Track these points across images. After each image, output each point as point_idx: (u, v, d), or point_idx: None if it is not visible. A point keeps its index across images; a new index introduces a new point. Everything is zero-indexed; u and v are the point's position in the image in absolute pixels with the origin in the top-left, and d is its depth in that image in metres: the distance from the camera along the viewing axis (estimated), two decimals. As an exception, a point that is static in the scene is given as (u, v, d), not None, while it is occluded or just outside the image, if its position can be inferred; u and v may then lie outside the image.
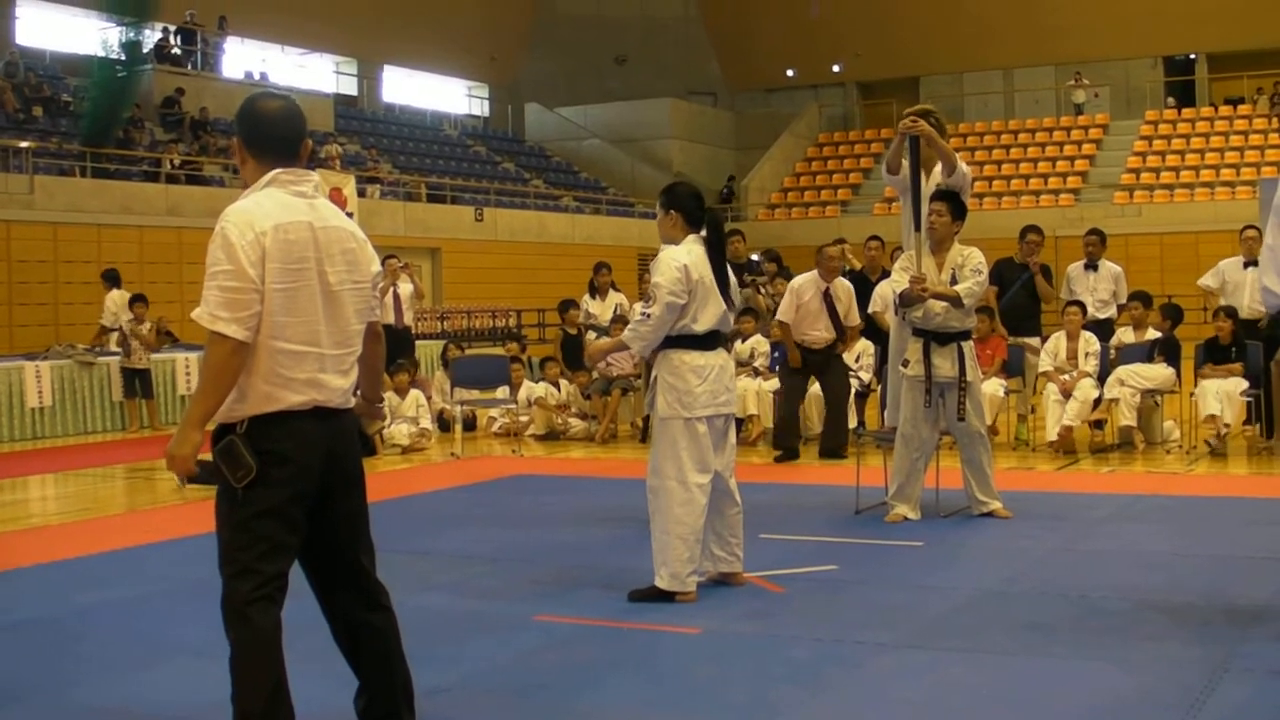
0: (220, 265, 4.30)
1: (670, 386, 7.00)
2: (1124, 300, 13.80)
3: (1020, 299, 13.52)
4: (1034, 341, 13.45)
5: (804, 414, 13.94)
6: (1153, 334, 13.09)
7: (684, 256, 6.97)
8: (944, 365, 9.06)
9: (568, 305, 16.84)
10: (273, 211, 4.39)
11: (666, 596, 6.93)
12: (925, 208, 9.17)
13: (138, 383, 17.17)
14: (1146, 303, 13.38)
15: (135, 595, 7.50)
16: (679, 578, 6.91)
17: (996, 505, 9.27)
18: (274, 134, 4.59)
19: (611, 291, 16.35)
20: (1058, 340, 13.13)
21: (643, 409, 15.23)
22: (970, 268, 9.00)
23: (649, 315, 6.95)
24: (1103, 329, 13.52)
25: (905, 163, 9.26)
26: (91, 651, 6.25)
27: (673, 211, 7.15)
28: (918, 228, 9.15)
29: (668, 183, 7.70)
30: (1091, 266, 13.96)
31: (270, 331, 4.35)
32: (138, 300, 17.37)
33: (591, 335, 16.14)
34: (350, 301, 4.54)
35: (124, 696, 5.53)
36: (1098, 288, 13.87)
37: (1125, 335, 13.36)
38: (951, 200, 9.04)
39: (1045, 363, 13.09)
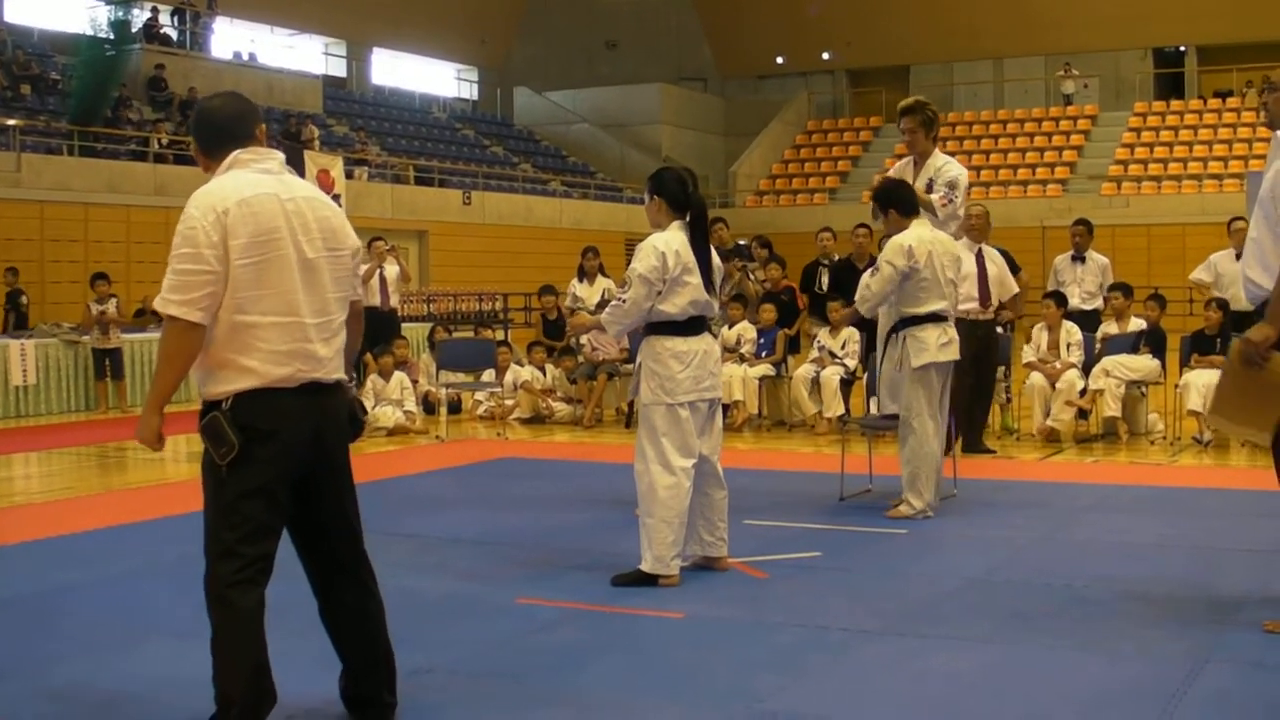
0: (178, 249, 4.35)
1: (653, 373, 7.02)
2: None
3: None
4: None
5: (796, 396, 13.94)
6: (1135, 324, 13.10)
7: (665, 244, 6.99)
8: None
9: (546, 291, 16.86)
10: (237, 188, 4.41)
11: (650, 580, 6.95)
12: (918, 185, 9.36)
13: (108, 363, 17.11)
14: (1127, 293, 13.39)
15: (117, 574, 7.48)
16: (663, 561, 6.93)
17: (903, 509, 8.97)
18: (221, 122, 4.61)
19: (599, 276, 16.32)
20: (1039, 332, 13.15)
21: (628, 394, 15.25)
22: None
23: (624, 300, 7.01)
24: (1089, 320, 13.51)
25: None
26: (73, 630, 6.23)
27: (657, 197, 7.17)
28: None
29: (656, 168, 7.72)
30: (1079, 258, 13.92)
31: (237, 307, 4.36)
32: (100, 279, 17.30)
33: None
34: (328, 271, 4.55)
35: (105, 675, 5.51)
36: (1084, 279, 13.83)
37: (1109, 327, 13.36)
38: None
39: (1028, 354, 13.11)
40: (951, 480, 9.59)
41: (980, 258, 12.01)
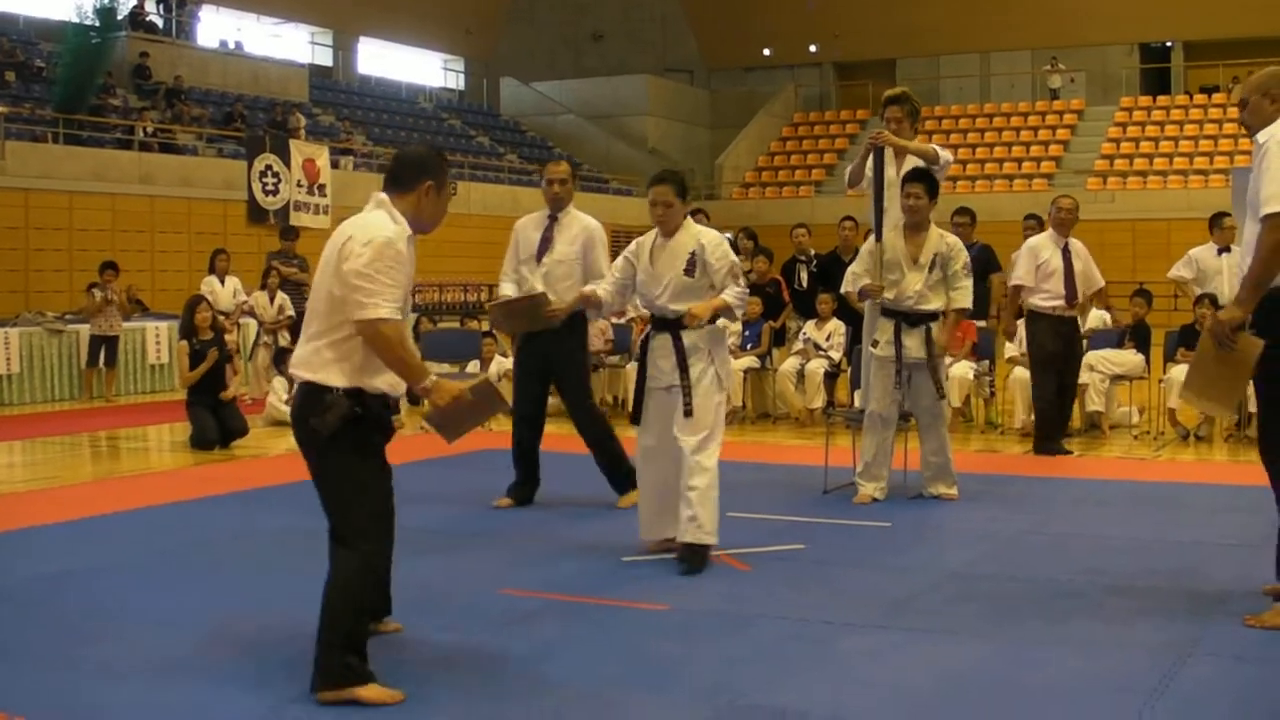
0: None
1: (724, 361, 7.46)
2: None
3: None
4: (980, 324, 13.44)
5: (782, 390, 13.94)
6: (1095, 317, 13.11)
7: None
8: (913, 346, 9.09)
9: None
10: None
11: (708, 551, 7.28)
12: (893, 180, 9.25)
13: (104, 350, 17.04)
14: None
15: (100, 564, 7.46)
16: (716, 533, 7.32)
17: (953, 491, 9.38)
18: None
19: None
20: (1021, 326, 13.13)
21: (615, 386, 15.25)
22: (960, 265, 9.08)
23: (744, 289, 7.50)
24: None
25: (868, 174, 9.37)
26: (56, 619, 6.22)
27: (681, 200, 7.56)
28: (879, 237, 9.20)
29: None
30: None
31: None
32: (109, 267, 17.24)
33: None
34: (324, 285, 5.12)
35: (83, 664, 5.50)
36: None
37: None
38: (927, 181, 9.05)
39: (1011, 349, 13.12)
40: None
41: (1066, 252, 11.62)
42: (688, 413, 7.30)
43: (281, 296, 17.13)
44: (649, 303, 7.57)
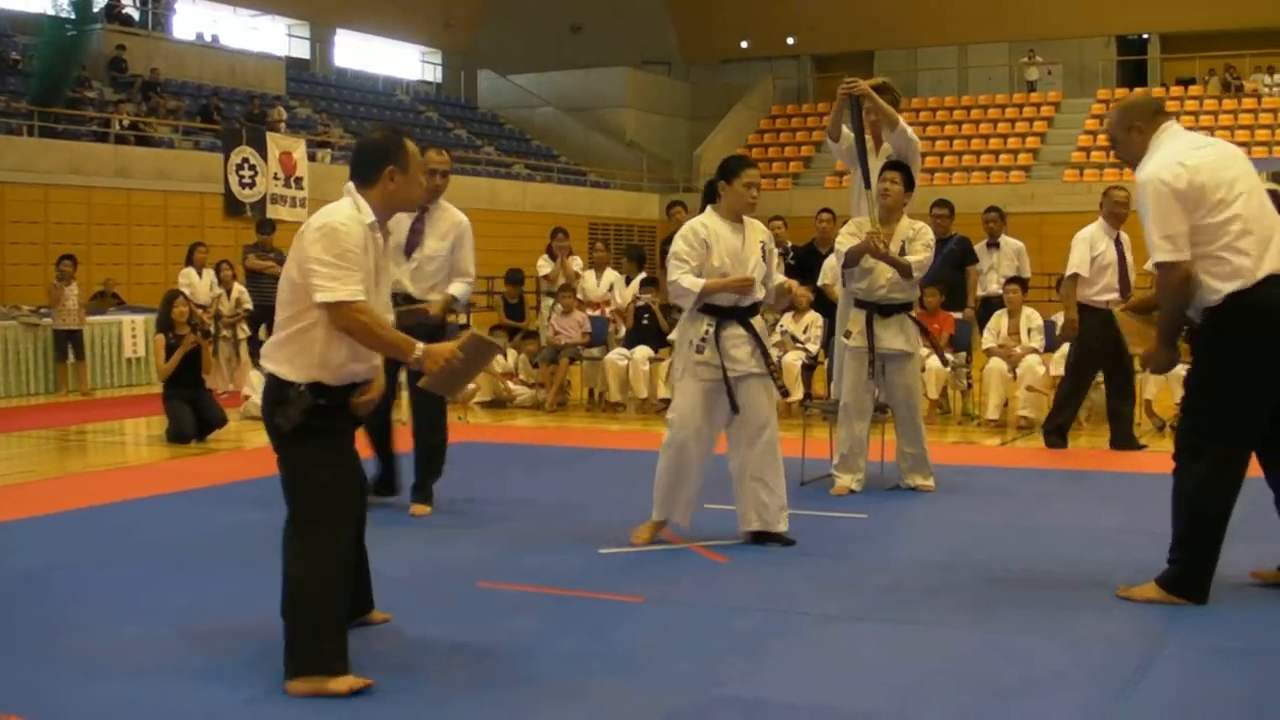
0: None
1: None
2: (1027, 275, 14.00)
3: (943, 274, 13.36)
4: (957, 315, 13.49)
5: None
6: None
7: None
8: (885, 337, 9.09)
9: (513, 280, 16.87)
10: None
11: None
12: (874, 166, 9.22)
13: (70, 345, 16.95)
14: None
15: (75, 560, 7.43)
16: None
17: (929, 483, 9.39)
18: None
19: (566, 258, 16.40)
20: (999, 318, 13.18)
21: (593, 379, 15.28)
22: (922, 242, 9.05)
23: None
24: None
25: (846, 128, 9.31)
26: (28, 615, 6.20)
27: None
28: (868, 185, 9.15)
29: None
30: (993, 244, 14.09)
31: None
32: (65, 259, 17.14)
33: (549, 302, 16.25)
34: (286, 273, 5.18)
35: (58, 659, 5.47)
36: (1000, 264, 14.00)
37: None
38: (904, 170, 9.09)
39: (988, 340, 13.14)
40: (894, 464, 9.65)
41: (1119, 244, 11.23)
42: (784, 393, 7.70)
43: (239, 289, 17.04)
44: None
